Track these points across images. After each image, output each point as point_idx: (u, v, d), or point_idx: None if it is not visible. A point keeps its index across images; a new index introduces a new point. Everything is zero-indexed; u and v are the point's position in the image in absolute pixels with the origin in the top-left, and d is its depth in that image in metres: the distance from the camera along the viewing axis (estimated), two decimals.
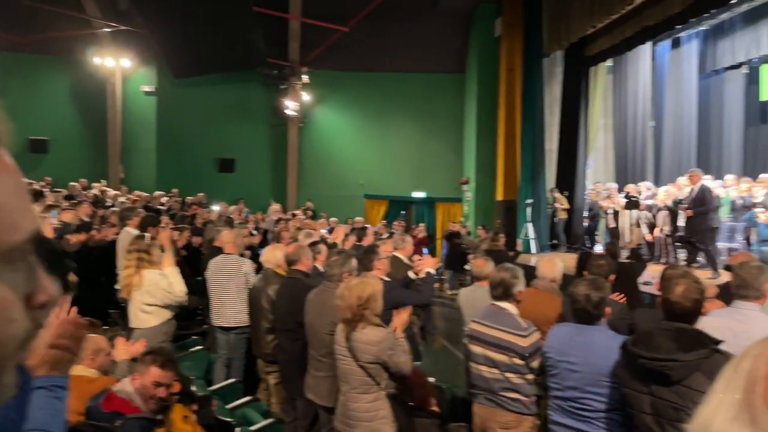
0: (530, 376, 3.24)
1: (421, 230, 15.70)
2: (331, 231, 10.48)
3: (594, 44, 13.21)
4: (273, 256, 5.06)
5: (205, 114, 17.24)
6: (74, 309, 1.47)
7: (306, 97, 17.72)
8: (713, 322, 2.87)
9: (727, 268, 4.90)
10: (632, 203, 11.14)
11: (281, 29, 16.58)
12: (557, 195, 13.91)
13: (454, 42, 17.22)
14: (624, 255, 10.31)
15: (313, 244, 5.49)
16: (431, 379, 5.91)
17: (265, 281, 4.95)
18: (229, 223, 8.70)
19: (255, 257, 6.68)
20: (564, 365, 2.83)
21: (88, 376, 3.13)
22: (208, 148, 17.30)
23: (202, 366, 5.32)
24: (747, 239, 10.13)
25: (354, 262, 4.15)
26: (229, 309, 5.42)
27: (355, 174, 17.81)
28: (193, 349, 5.55)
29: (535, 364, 3.17)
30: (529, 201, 13.67)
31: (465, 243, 13.47)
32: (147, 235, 5.72)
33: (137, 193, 13.71)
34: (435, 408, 3.84)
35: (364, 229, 7.74)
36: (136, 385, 2.84)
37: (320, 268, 4.89)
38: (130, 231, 6.20)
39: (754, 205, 9.69)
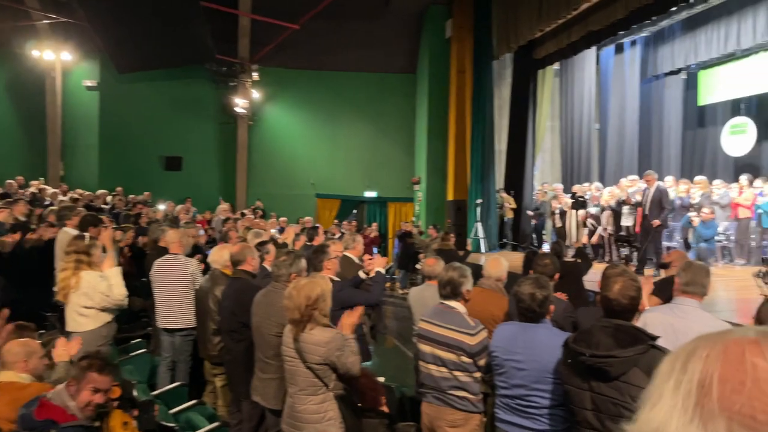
0: (478, 375, 3.27)
1: (372, 230, 15.72)
2: (281, 231, 10.37)
3: (542, 47, 13.50)
4: (221, 256, 4.96)
5: (150, 110, 16.78)
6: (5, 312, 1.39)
7: (256, 94, 17.47)
8: (655, 317, 2.97)
9: (662, 265, 5.09)
10: (579, 203, 11.44)
11: (230, 25, 16.30)
12: (505, 195, 14.17)
13: (406, 42, 17.31)
14: (570, 254, 10.60)
15: (261, 244, 5.41)
16: (381, 379, 5.92)
17: (213, 282, 4.85)
18: (174, 222, 8.48)
19: (204, 257, 6.53)
20: (510, 363, 2.86)
21: (20, 382, 2.99)
22: (154, 145, 16.85)
23: (145, 370, 5.16)
24: (685, 239, 10.56)
25: (303, 262, 4.10)
26: (175, 310, 5.28)
27: (306, 173, 17.69)
28: (135, 353, 5.38)
29: (482, 362, 3.20)
30: (479, 201, 13.86)
31: (417, 242, 13.55)
32: (87, 235, 5.50)
33: (78, 191, 13.22)
34: (384, 408, 3.84)
35: (314, 228, 7.65)
36: (72, 391, 2.72)
37: (269, 268, 4.81)
38: (69, 231, 5.96)
39: (692, 205, 10.10)
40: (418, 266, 11.44)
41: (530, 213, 13.97)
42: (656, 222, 9.33)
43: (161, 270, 5.38)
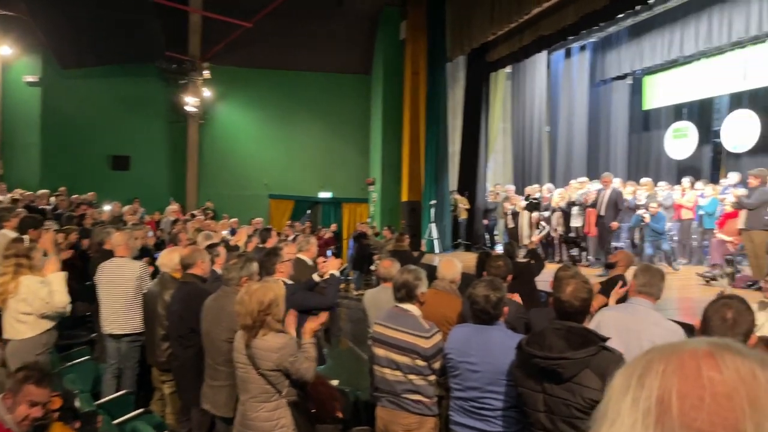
0: (432, 378, 3.26)
1: (327, 231, 15.62)
2: (233, 232, 10.18)
3: (494, 51, 13.68)
4: (170, 259, 4.80)
5: (96, 108, 16.22)
6: None
7: (207, 93, 17.12)
8: (610, 316, 3.03)
9: (609, 265, 5.21)
10: (533, 205, 11.65)
11: (181, 22, 15.93)
12: (459, 196, 14.30)
13: (361, 43, 17.29)
14: (522, 255, 10.77)
15: (211, 247, 5.28)
16: (335, 382, 5.86)
17: (162, 286, 4.69)
18: (119, 223, 8.21)
19: (153, 260, 6.33)
20: (465, 366, 2.87)
21: None
22: (99, 144, 16.29)
23: (88, 378, 4.96)
24: (631, 239, 10.88)
25: (254, 265, 4.01)
26: (121, 315, 5.09)
27: (260, 173, 17.44)
28: (78, 360, 5.17)
29: (437, 365, 3.20)
30: (433, 202, 13.95)
31: (372, 244, 13.53)
32: (26, 237, 5.26)
33: (19, 191, 12.64)
34: (339, 414, 3.79)
35: (267, 230, 7.53)
36: (8, 404, 2.57)
37: (219, 271, 4.70)
38: (7, 233, 5.68)
39: (638, 207, 10.41)
40: (372, 267, 11.44)
41: (484, 215, 14.11)
42: (615, 225, 9.67)
43: (106, 274, 5.19)
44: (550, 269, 5.19)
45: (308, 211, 17.95)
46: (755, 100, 12.83)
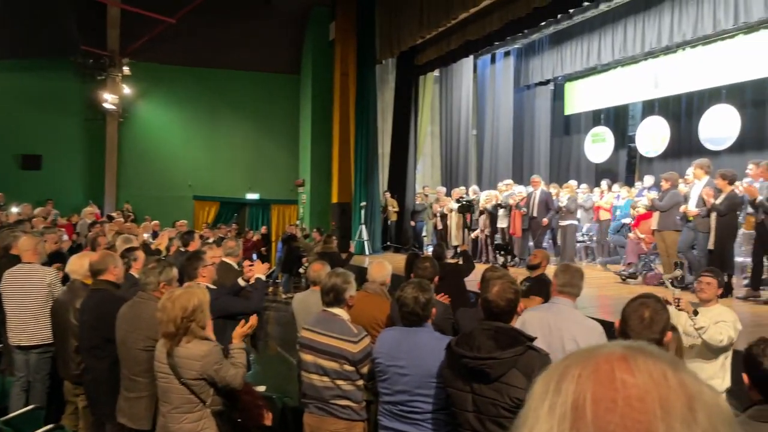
0: (360, 382, 3.22)
1: (256, 233, 15.31)
2: (156, 236, 9.79)
3: (423, 54, 13.84)
4: (80, 265, 4.49)
5: (4, 104, 15.20)
6: None
7: (127, 90, 16.39)
8: (534, 316, 3.09)
9: (531, 267, 5.33)
10: (464, 207, 11.84)
11: (99, 15, 15.19)
12: (388, 198, 14.37)
13: (289, 43, 17.07)
14: (450, 255, 10.93)
15: (129, 251, 5.02)
16: (262, 388, 5.72)
17: (72, 294, 4.40)
18: (24, 225, 7.70)
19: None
20: (393, 369, 2.84)
21: None
22: (7, 142, 15.26)
23: None
24: (553, 239, 11.26)
25: (173, 270, 3.83)
26: (30, 325, 4.76)
27: (184, 174, 16.86)
28: None
29: (365, 369, 3.16)
30: (363, 203, 13.94)
31: (301, 246, 13.36)
32: None
33: None
34: (266, 422, 3.68)
35: (190, 233, 7.24)
36: None
37: (137, 276, 4.47)
38: None
39: (560, 208, 10.78)
40: (302, 270, 11.27)
41: (412, 217, 14.20)
42: (545, 221, 10.05)
43: (13, 281, 4.83)
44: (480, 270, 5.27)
45: (235, 214, 17.53)
46: (666, 108, 13.60)
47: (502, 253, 8.95)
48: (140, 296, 3.66)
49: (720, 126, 11.85)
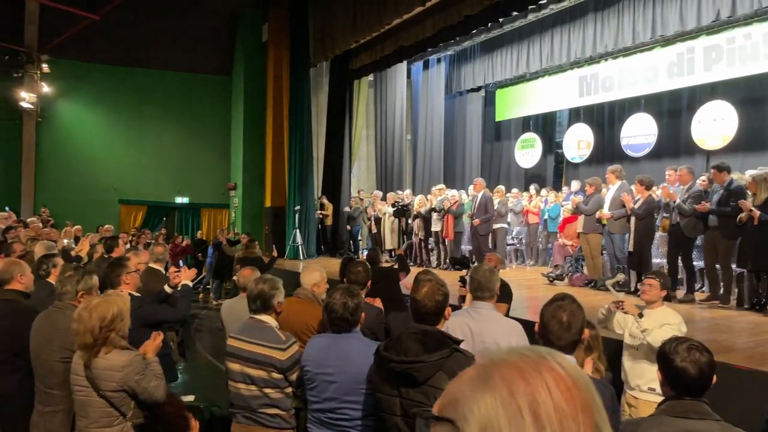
0: (289, 390, 3.17)
1: (185, 238, 14.86)
2: (77, 241, 9.33)
3: (357, 58, 13.87)
4: None
5: None
6: None
7: (46, 88, 15.59)
8: (455, 321, 3.13)
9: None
10: (399, 211, 11.92)
11: (15, 10, 14.37)
12: (324, 201, 14.30)
13: (221, 43, 16.71)
14: (385, 259, 10.96)
15: (47, 257, 4.75)
16: (190, 398, 5.54)
17: None
18: None
19: None
20: (322, 377, 2.81)
21: None
22: None
23: None
24: (494, 242, 11.50)
25: (94, 278, 3.66)
26: None
27: (108, 177, 16.17)
28: None
29: (293, 377, 3.11)
30: (297, 207, 13.81)
31: (227, 251, 13.05)
32: None
33: None
34: None
35: (114, 239, 6.94)
36: None
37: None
38: None
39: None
40: (235, 278, 11.00)
41: (348, 221, 14.17)
42: (476, 222, 10.23)
43: None
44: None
45: (164, 218, 16.98)
46: (590, 115, 14.20)
47: (458, 267, 9.07)
48: (56, 305, 3.47)
49: (639, 134, 12.47)
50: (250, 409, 3.19)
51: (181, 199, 17.19)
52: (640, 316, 3.89)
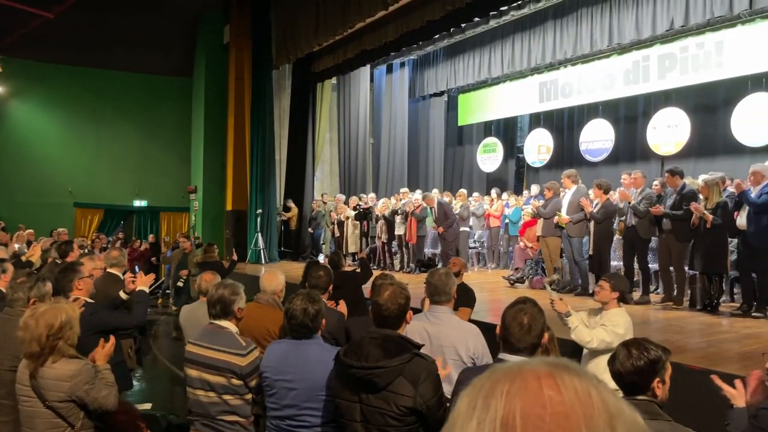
0: (249, 396, 3.12)
1: (143, 243, 14.55)
2: (30, 246, 9.04)
3: (320, 61, 13.82)
4: None
5: None
6: None
7: None
8: (413, 326, 3.13)
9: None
10: (361, 214, 11.90)
11: None
12: (290, 205, 14.19)
13: (181, 45, 16.42)
14: (348, 263, 10.93)
15: None
16: (147, 406, 5.43)
17: None
18: None
19: None
20: (281, 384, 2.78)
21: None
22: None
23: None
24: (456, 246, 11.58)
25: (47, 285, 3.55)
26: None
27: (63, 179, 15.70)
28: None
29: (253, 383, 3.06)
30: (259, 211, 13.66)
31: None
32: None
33: None
34: None
35: (68, 243, 6.73)
36: None
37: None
38: None
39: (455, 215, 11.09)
40: (179, 284, 10.77)
41: (310, 225, 14.08)
42: (440, 229, 10.34)
43: None
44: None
45: (121, 222, 16.58)
46: (550, 121, 14.46)
47: (424, 269, 9.10)
48: (7, 313, 3.36)
49: (597, 139, 12.76)
50: (209, 417, 3.13)
51: (139, 203, 16.80)
52: (567, 315, 4.00)
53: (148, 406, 5.54)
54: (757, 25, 9.66)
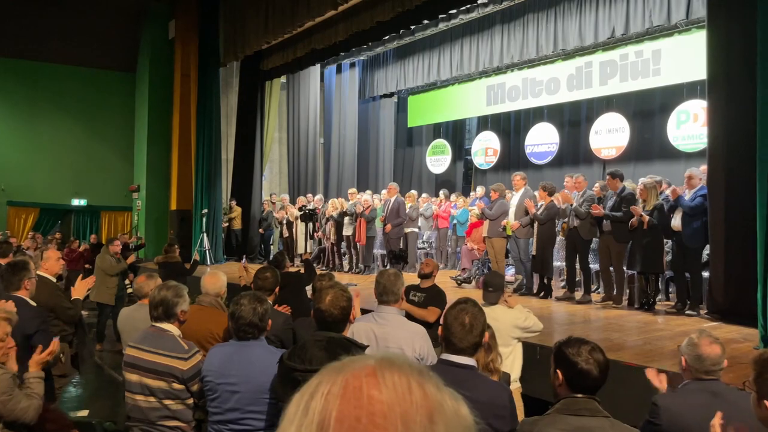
0: (191, 401, 3.04)
1: (82, 243, 13.99)
2: None
3: (269, 59, 13.63)
4: None
5: None
6: None
7: None
8: (360, 326, 3.12)
9: (422, 276, 5.39)
10: (306, 215, 11.80)
11: None
12: (232, 205, 13.94)
13: (124, 39, 15.92)
14: (297, 264, 10.83)
15: None
16: (84, 413, 5.23)
17: None
18: None
19: None
20: (224, 387, 2.72)
21: None
22: None
23: None
24: (405, 246, 11.62)
25: None
26: None
27: None
28: None
29: (195, 387, 2.99)
30: (205, 211, 13.37)
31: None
32: None
33: None
34: None
35: (8, 243, 6.42)
36: None
37: None
38: None
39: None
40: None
41: (259, 225, 13.88)
42: (388, 227, 10.33)
43: None
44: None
45: (59, 221, 15.92)
46: (497, 124, 14.73)
47: (396, 260, 9.08)
48: None
49: (542, 142, 13.07)
50: (149, 422, 3.04)
51: (78, 201, 16.18)
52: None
53: (84, 412, 5.34)
54: (692, 34, 10.08)
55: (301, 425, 0.60)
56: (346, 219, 11.39)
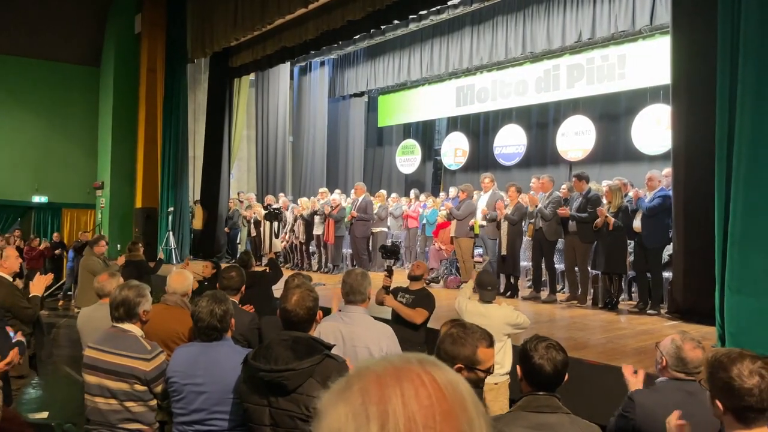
0: (153, 403, 2.99)
1: (43, 241, 13.66)
2: None
3: (238, 56, 13.46)
4: None
5: None
6: None
7: None
8: (327, 326, 3.11)
9: (412, 278, 5.36)
10: (272, 214, 11.70)
11: None
12: (194, 205, 13.75)
13: (88, 31, 15.54)
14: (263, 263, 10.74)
15: None
16: (43, 415, 5.10)
17: None
18: None
19: None
20: (189, 388, 2.67)
21: None
22: None
23: None
24: (374, 246, 11.60)
25: None
26: None
27: None
28: None
29: (159, 389, 2.94)
30: (171, 209, 13.16)
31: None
32: None
33: None
34: None
35: None
36: None
37: None
38: None
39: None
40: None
41: (225, 224, 13.71)
42: (353, 213, 10.37)
43: None
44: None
45: (18, 219, 15.46)
46: (466, 124, 14.84)
47: (388, 255, 9.00)
48: None
49: (510, 143, 13.22)
50: (109, 425, 2.98)
51: (38, 198, 15.73)
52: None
53: (44, 414, 5.20)
54: (656, 40, 10.32)
55: (386, 427, 0.62)
56: (317, 218, 11.34)
